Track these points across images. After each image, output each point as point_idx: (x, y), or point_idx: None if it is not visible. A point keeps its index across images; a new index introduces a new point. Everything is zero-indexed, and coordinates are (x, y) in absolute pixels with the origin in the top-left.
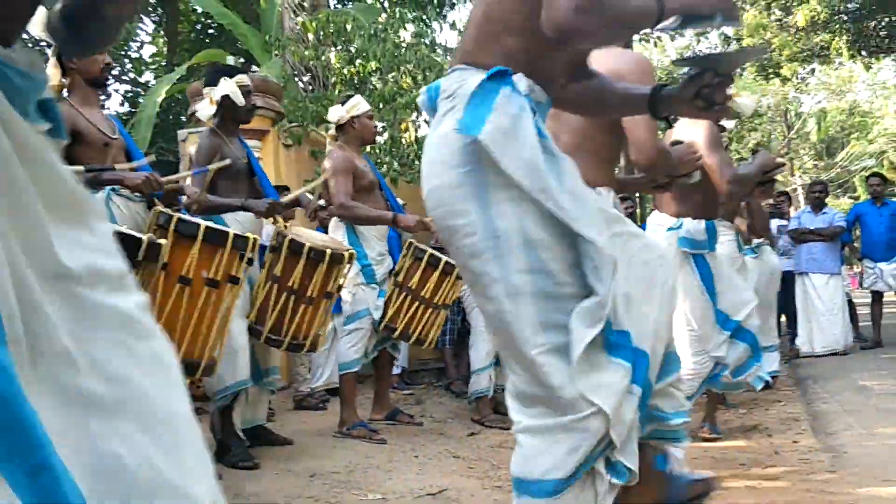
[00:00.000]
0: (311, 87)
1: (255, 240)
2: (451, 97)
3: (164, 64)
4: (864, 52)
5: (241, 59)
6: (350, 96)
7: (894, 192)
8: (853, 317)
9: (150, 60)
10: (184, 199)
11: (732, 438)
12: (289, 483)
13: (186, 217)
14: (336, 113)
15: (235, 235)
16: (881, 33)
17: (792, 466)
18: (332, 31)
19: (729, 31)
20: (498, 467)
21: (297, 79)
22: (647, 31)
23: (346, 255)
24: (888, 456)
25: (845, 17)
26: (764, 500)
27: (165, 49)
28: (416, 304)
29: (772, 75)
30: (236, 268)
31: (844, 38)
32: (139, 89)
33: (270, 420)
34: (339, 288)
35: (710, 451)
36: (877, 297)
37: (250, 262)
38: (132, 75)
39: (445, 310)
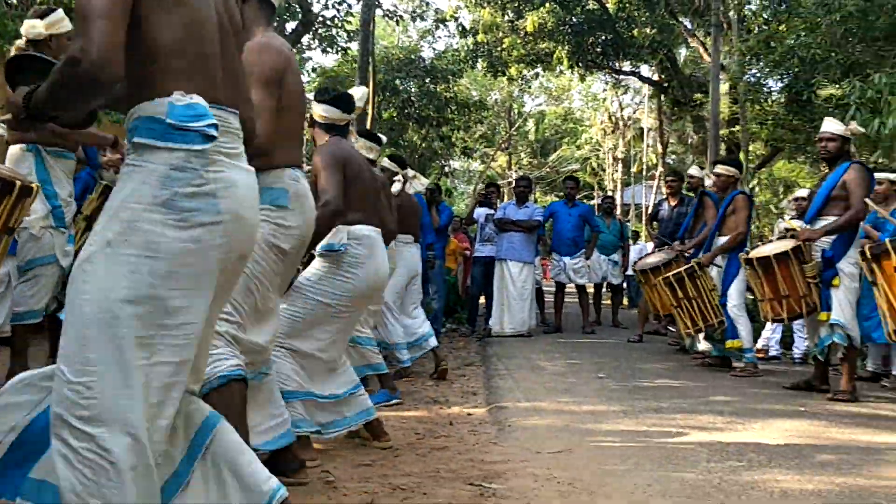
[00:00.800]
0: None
1: None
2: None
3: None
4: (580, 64)
5: None
6: (53, 10)
7: (591, 195)
8: (541, 303)
9: None
10: None
11: (415, 409)
12: None
13: None
14: (32, 27)
15: None
16: (597, 49)
17: (461, 437)
18: None
19: (466, 23)
20: None
21: None
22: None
23: (35, 188)
24: (545, 430)
25: (568, 29)
26: (428, 468)
27: None
28: None
29: (500, 73)
30: None
31: (566, 48)
32: None
33: None
34: (18, 224)
35: (390, 419)
36: (560, 287)
37: None
38: None
39: None
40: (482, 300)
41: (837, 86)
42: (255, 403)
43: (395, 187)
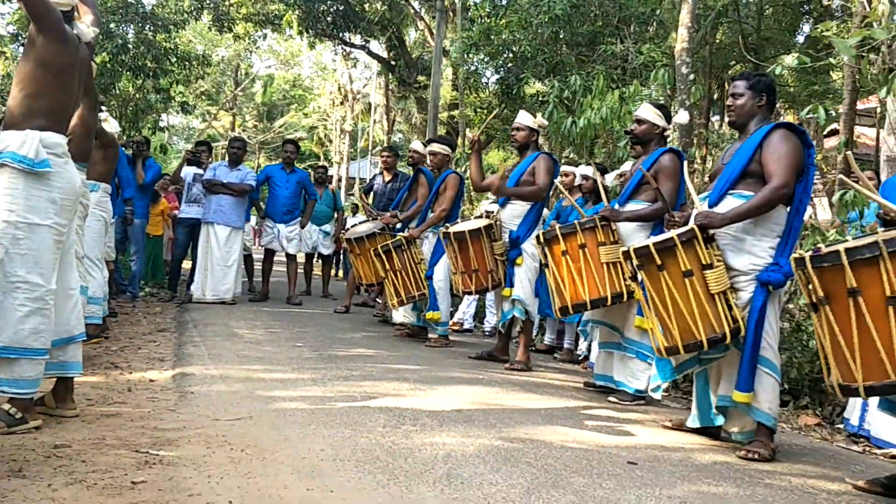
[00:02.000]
0: None
1: None
2: None
3: None
4: (311, 31)
5: None
6: None
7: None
8: (249, 271)
9: None
10: None
11: (92, 374)
12: None
13: None
14: None
15: None
16: (328, 18)
17: (137, 403)
18: None
19: None
20: None
21: None
22: None
23: None
24: (229, 397)
25: None
26: (94, 435)
27: None
28: None
29: (227, 29)
30: None
31: (297, 12)
32: None
33: None
34: None
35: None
36: (269, 254)
37: None
38: None
39: None
40: (187, 265)
41: (542, 83)
42: None
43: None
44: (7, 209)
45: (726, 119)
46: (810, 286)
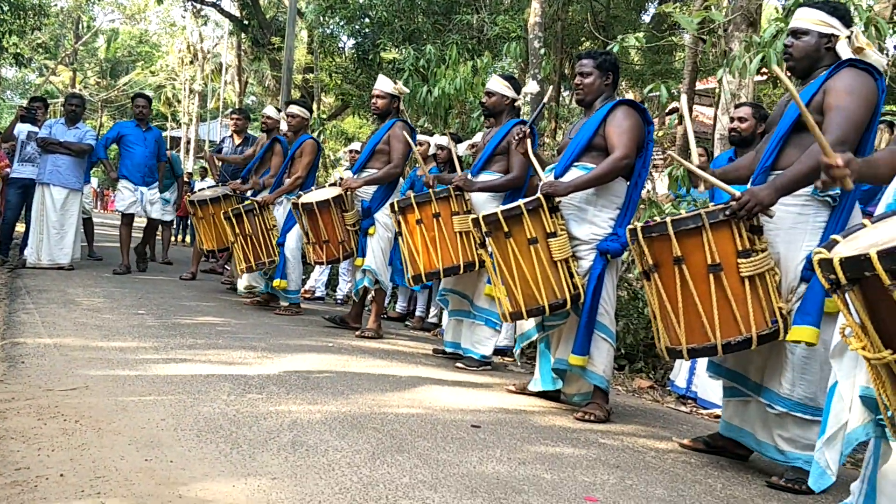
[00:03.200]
0: None
1: None
2: None
3: None
4: None
5: None
6: None
7: (164, 126)
8: (89, 234)
9: None
10: None
11: None
12: None
13: None
14: None
15: None
16: None
17: None
18: None
19: None
20: None
21: None
22: None
23: None
24: (63, 366)
25: None
26: None
27: None
28: None
29: None
30: None
31: None
32: None
33: None
34: None
35: None
36: (128, 219)
37: None
38: None
39: None
40: (20, 228)
41: (398, 51)
42: None
43: None
44: None
45: (575, 97)
46: (643, 256)
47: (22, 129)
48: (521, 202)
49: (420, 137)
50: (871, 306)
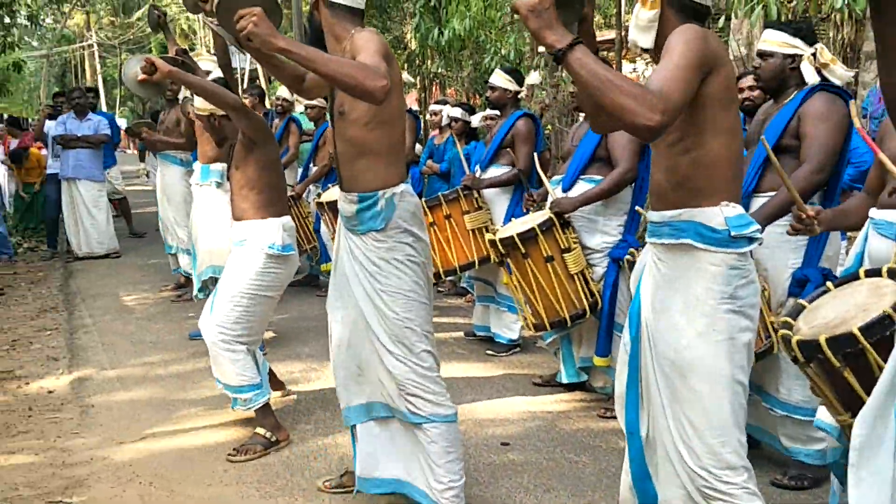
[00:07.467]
0: None
1: None
2: None
3: None
4: None
5: None
6: None
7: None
8: (127, 216)
9: None
10: None
11: None
12: None
13: None
14: None
15: None
16: None
17: (42, 430)
18: None
19: None
20: None
21: None
22: None
23: None
24: (129, 408)
25: None
26: (4, 484)
27: None
28: None
29: None
30: None
31: None
32: None
33: None
34: None
35: None
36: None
37: None
38: None
39: None
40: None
41: None
42: None
43: None
44: None
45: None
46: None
47: (51, 126)
48: (534, 224)
49: (433, 107)
50: (830, 379)
